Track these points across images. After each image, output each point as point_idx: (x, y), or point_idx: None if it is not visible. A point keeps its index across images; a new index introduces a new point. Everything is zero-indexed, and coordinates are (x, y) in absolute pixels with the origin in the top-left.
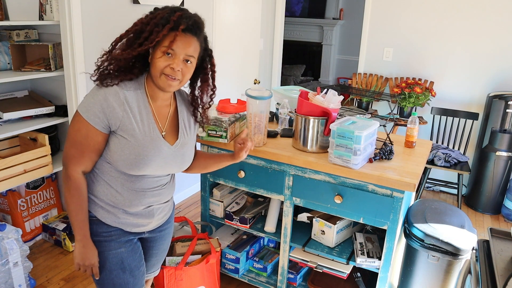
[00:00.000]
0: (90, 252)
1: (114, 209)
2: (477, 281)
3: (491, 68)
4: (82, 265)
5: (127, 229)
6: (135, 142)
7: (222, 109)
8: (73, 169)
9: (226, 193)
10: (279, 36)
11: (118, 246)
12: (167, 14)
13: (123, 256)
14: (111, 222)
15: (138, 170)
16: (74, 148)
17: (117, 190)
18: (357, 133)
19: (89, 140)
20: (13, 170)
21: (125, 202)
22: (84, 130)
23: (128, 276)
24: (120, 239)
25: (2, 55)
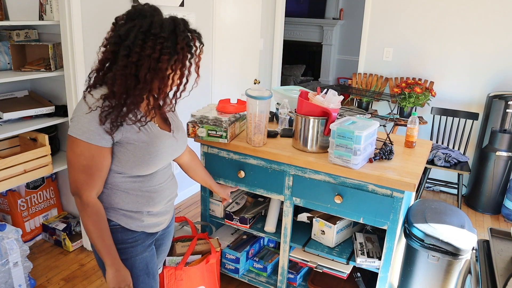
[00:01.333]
0: (124, 274)
1: (138, 214)
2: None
3: (491, 68)
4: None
5: (150, 230)
6: (143, 144)
7: (222, 109)
8: (88, 195)
9: None
10: (279, 36)
11: (143, 250)
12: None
13: (147, 260)
14: (136, 227)
15: (155, 167)
16: (83, 173)
17: (137, 194)
18: (357, 133)
19: (96, 159)
20: (13, 170)
21: (149, 203)
22: (87, 152)
23: (152, 280)
24: (145, 243)
25: (2, 55)
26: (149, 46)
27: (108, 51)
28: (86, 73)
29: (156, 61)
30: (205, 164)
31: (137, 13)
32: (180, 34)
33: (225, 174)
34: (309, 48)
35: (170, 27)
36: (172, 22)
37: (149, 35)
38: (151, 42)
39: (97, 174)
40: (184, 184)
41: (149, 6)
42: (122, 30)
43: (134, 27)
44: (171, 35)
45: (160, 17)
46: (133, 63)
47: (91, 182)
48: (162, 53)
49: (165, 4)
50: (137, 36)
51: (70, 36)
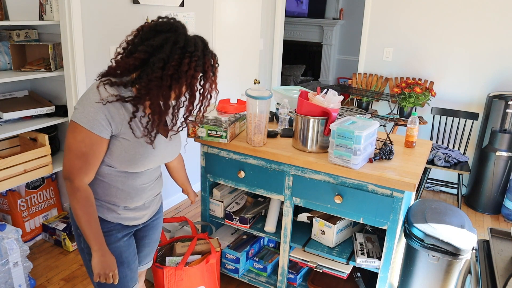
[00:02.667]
0: (110, 260)
1: (115, 207)
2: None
3: (491, 68)
4: (103, 274)
5: (126, 223)
6: (137, 142)
7: (222, 109)
8: (81, 180)
9: (226, 193)
10: (279, 36)
11: (117, 240)
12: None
13: (121, 249)
14: (112, 218)
15: (143, 167)
16: (80, 159)
17: (119, 188)
18: (357, 133)
19: (95, 148)
20: (13, 170)
21: (127, 199)
22: (88, 140)
23: (126, 269)
24: (119, 234)
25: (2, 55)
26: (186, 62)
27: (137, 57)
28: (86, 73)
29: (191, 77)
30: (205, 164)
31: (168, 26)
32: (207, 54)
33: (225, 174)
34: (309, 48)
35: (201, 47)
36: (201, 42)
37: (185, 51)
38: (188, 59)
39: (92, 162)
40: None
41: (176, 21)
42: (155, 41)
43: (168, 40)
44: (202, 54)
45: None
46: (168, 76)
47: (86, 169)
48: (196, 70)
49: (165, 4)
50: (173, 50)
51: (70, 36)
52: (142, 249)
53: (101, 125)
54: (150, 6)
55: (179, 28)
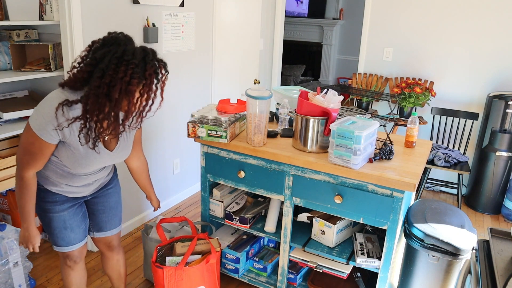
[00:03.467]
0: (32, 236)
1: (59, 183)
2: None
3: (491, 68)
4: (25, 245)
5: (69, 195)
6: (79, 154)
7: (222, 109)
8: (26, 172)
9: (226, 193)
10: (279, 36)
11: (61, 210)
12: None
13: (65, 218)
14: (56, 190)
15: (81, 171)
16: (28, 156)
17: (62, 174)
18: (357, 133)
19: (43, 150)
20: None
21: (68, 181)
22: (37, 143)
23: (69, 232)
24: (64, 204)
25: (2, 55)
26: (121, 70)
27: (84, 70)
28: None
29: (127, 83)
30: (205, 164)
31: (112, 40)
32: (149, 62)
33: (225, 174)
34: (309, 48)
35: (140, 55)
36: (143, 52)
37: (122, 60)
38: (124, 67)
39: (39, 160)
40: (184, 184)
41: (123, 35)
42: (98, 54)
43: (109, 52)
44: (141, 62)
45: (132, 46)
46: (105, 84)
47: (33, 164)
48: (133, 77)
49: (165, 4)
50: (111, 60)
51: (70, 36)
52: (99, 215)
53: (50, 135)
54: (150, 6)
55: (121, 41)
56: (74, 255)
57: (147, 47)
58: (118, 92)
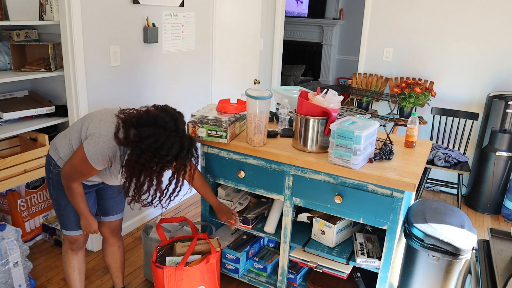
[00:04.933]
0: (92, 222)
1: None
2: (477, 281)
3: (491, 68)
4: (87, 231)
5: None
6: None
7: (222, 109)
8: (74, 184)
9: (230, 191)
10: (279, 36)
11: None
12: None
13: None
14: None
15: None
16: (78, 174)
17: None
18: (357, 133)
19: (92, 173)
20: (13, 170)
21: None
22: (89, 169)
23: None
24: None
25: (2, 55)
26: (154, 161)
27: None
28: (86, 73)
29: (157, 173)
30: (205, 164)
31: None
32: (180, 158)
33: (225, 174)
34: (309, 48)
35: (175, 152)
36: (179, 148)
37: (157, 154)
38: (157, 159)
39: (86, 178)
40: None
41: (173, 119)
42: (145, 132)
43: (152, 137)
44: (173, 158)
45: (173, 139)
46: (140, 164)
47: (80, 180)
48: (162, 169)
49: (165, 4)
50: (149, 148)
51: (70, 36)
52: (107, 200)
53: (102, 165)
54: (150, 6)
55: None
56: (81, 240)
57: (187, 138)
58: (147, 177)
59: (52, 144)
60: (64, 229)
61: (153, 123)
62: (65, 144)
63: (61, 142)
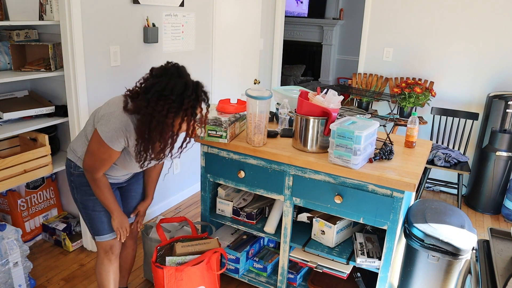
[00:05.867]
0: (124, 219)
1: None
2: (477, 281)
3: (491, 68)
4: (120, 228)
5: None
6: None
7: (222, 109)
8: (98, 174)
9: (231, 191)
10: (279, 36)
11: None
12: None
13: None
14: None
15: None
16: (99, 162)
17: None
18: (357, 133)
19: (112, 157)
20: (13, 170)
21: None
22: (108, 152)
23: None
24: None
25: (2, 55)
26: (160, 104)
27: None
28: (86, 73)
29: (164, 116)
30: (205, 164)
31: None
32: (186, 97)
33: (225, 174)
34: (309, 48)
35: (179, 91)
36: (183, 87)
37: (162, 96)
38: (162, 102)
39: (108, 163)
40: (184, 184)
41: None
42: (149, 83)
43: (155, 85)
44: (178, 98)
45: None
46: (148, 114)
47: (103, 168)
48: (170, 111)
49: (165, 4)
50: (154, 94)
51: (70, 36)
52: (130, 201)
53: (120, 144)
54: (150, 6)
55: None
56: (116, 245)
57: (192, 80)
58: (156, 123)
59: (68, 149)
60: (97, 235)
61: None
62: (81, 142)
63: (78, 142)
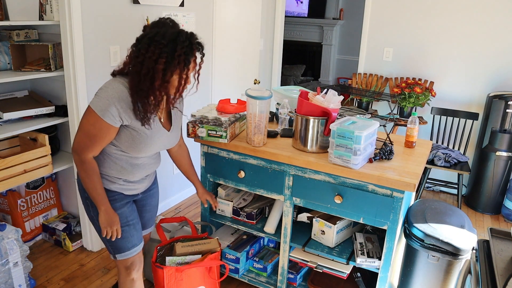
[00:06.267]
0: (114, 216)
1: (118, 180)
2: (477, 281)
3: (491, 68)
4: (109, 229)
5: (126, 192)
6: (144, 135)
7: (222, 109)
8: (86, 155)
9: (231, 191)
10: (279, 36)
11: (122, 206)
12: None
13: (126, 213)
14: (114, 188)
15: (145, 153)
16: (88, 139)
17: (122, 166)
18: (357, 133)
19: (103, 133)
20: (13, 170)
21: (129, 175)
22: (98, 125)
23: (132, 229)
24: (122, 201)
25: (2, 55)
26: (151, 50)
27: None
28: (86, 73)
29: (154, 62)
30: (205, 164)
31: (154, 24)
32: (179, 44)
33: (225, 174)
34: (309, 48)
35: (171, 37)
36: (176, 33)
37: (153, 41)
38: (153, 47)
39: (98, 143)
40: (184, 184)
41: (170, 20)
42: (140, 36)
43: (147, 35)
44: (170, 43)
45: (169, 29)
46: (138, 63)
47: (92, 147)
48: (160, 56)
49: (165, 4)
50: (145, 41)
51: (70, 36)
52: (144, 215)
53: (112, 115)
54: (150, 6)
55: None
56: (137, 261)
57: (187, 31)
58: (146, 70)
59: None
60: (118, 252)
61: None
62: None
63: None
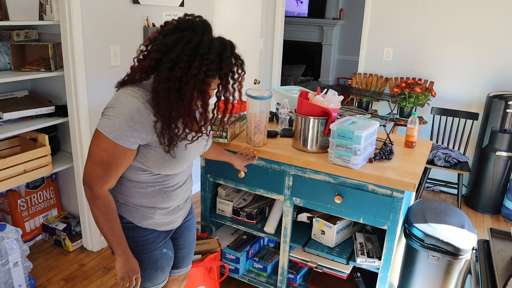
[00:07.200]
0: (133, 263)
1: (151, 210)
2: (477, 281)
3: (491, 68)
4: (127, 278)
5: (161, 228)
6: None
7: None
8: (100, 188)
9: (231, 191)
10: (279, 36)
11: (154, 249)
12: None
13: (157, 257)
14: (146, 225)
15: (180, 168)
16: (101, 168)
17: (155, 190)
18: (357, 133)
19: (118, 159)
20: (13, 170)
21: (164, 200)
22: (111, 150)
23: (159, 273)
24: (156, 242)
25: (2, 55)
26: (195, 65)
27: (151, 58)
28: (86, 73)
29: (201, 82)
30: (205, 164)
31: (188, 25)
32: (225, 59)
33: (225, 174)
34: (309, 48)
35: (218, 50)
36: (221, 45)
37: (196, 53)
38: (198, 62)
39: (114, 172)
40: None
41: (201, 20)
42: (169, 40)
43: (182, 40)
44: (217, 58)
45: (210, 36)
46: (176, 79)
47: (106, 177)
48: (207, 75)
49: (165, 4)
50: (183, 51)
51: (70, 36)
52: (179, 250)
53: (126, 136)
54: (150, 6)
55: (198, 27)
56: None
57: (226, 39)
58: (192, 90)
59: None
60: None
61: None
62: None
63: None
